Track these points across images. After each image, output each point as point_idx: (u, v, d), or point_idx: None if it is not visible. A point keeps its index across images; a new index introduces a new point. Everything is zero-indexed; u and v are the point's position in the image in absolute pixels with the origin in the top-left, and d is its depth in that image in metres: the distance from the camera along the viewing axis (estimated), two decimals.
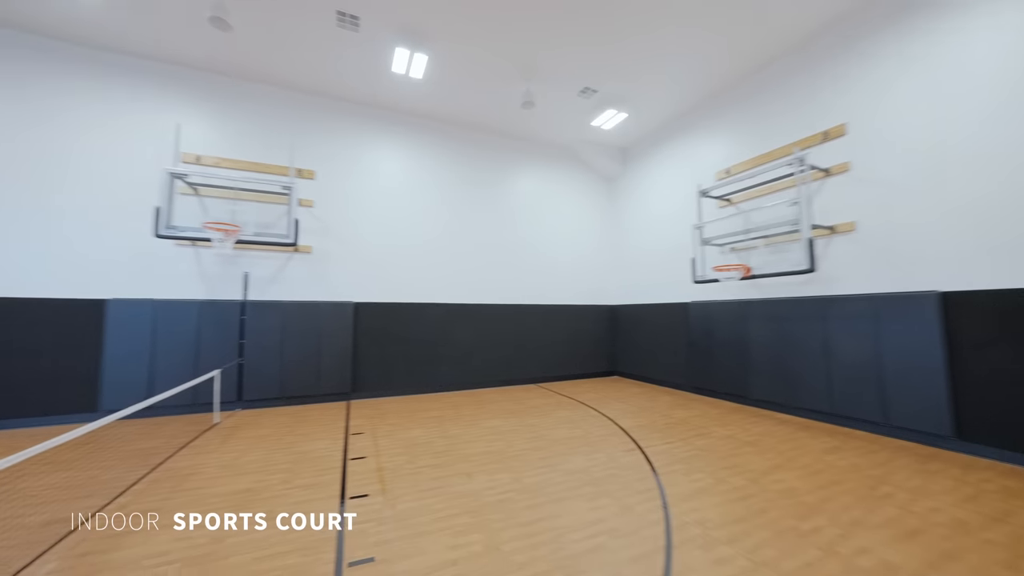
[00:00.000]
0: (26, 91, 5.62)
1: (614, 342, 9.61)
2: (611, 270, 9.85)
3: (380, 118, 7.74)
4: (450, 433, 5.12)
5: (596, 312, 9.53)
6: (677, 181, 8.06)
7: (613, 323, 9.66)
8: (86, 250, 5.75)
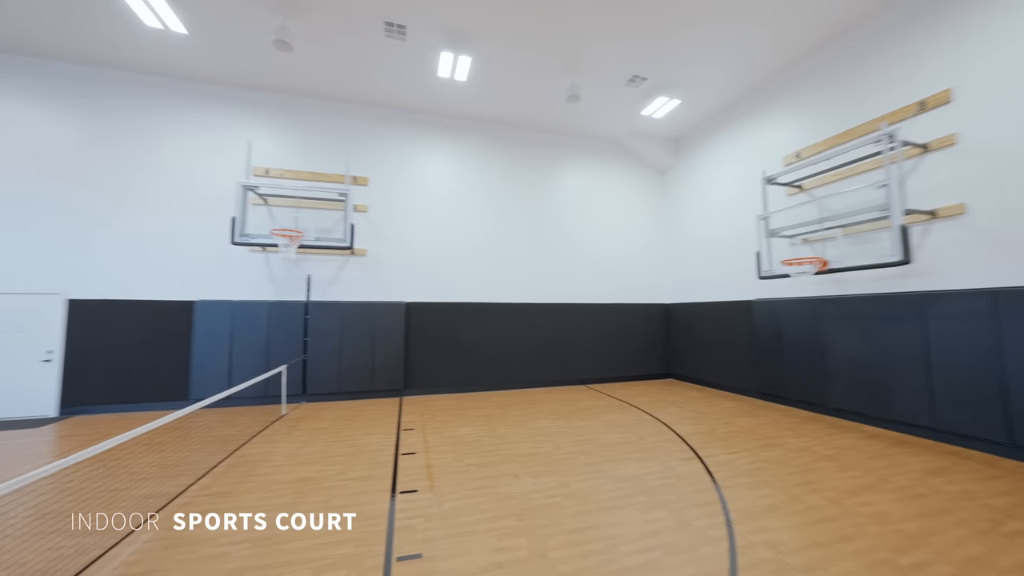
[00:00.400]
0: (125, 123, 6.48)
1: (668, 342, 9.10)
2: (664, 267, 9.34)
3: (428, 123, 7.96)
4: (497, 432, 5.11)
5: (648, 311, 9.09)
6: (737, 169, 7.44)
7: (667, 322, 9.15)
8: (177, 257, 6.51)
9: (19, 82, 6.11)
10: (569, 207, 8.76)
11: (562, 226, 8.67)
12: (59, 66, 6.24)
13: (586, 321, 8.55)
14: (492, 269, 8.11)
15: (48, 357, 5.95)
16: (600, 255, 8.88)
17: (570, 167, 8.86)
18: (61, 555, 2.52)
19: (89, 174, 6.27)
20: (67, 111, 6.27)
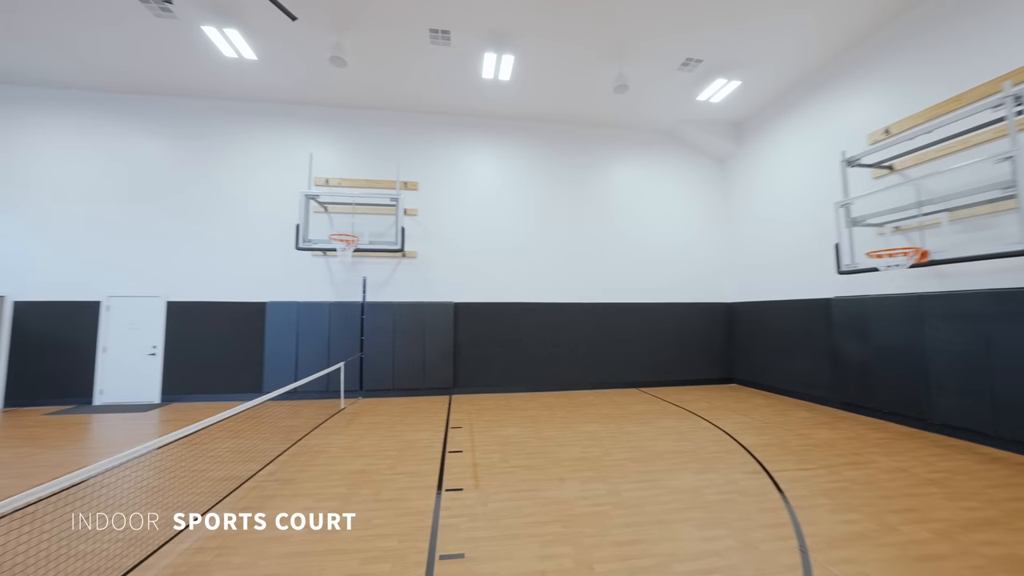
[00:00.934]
0: (207, 146, 7.29)
1: (731, 344, 8.40)
2: (726, 263, 8.65)
3: (473, 125, 8.07)
4: (544, 434, 5.01)
5: (708, 310, 8.46)
6: (810, 153, 6.67)
7: (730, 323, 8.46)
8: (251, 262, 7.19)
9: (123, 118, 7.12)
10: (619, 203, 8.42)
11: (611, 223, 8.36)
12: (154, 100, 7.18)
13: (638, 321, 8.16)
14: (539, 268, 8.02)
15: (153, 351, 6.85)
16: (653, 252, 8.43)
17: (619, 161, 8.52)
18: (147, 530, 2.84)
19: (180, 193, 7.14)
20: (161, 139, 7.19)
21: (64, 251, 6.82)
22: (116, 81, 6.79)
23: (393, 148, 7.75)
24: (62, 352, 6.67)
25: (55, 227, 6.83)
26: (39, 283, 6.72)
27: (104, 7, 5.14)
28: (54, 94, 6.97)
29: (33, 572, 2.29)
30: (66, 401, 6.64)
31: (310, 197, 6.70)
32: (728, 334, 8.45)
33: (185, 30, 5.55)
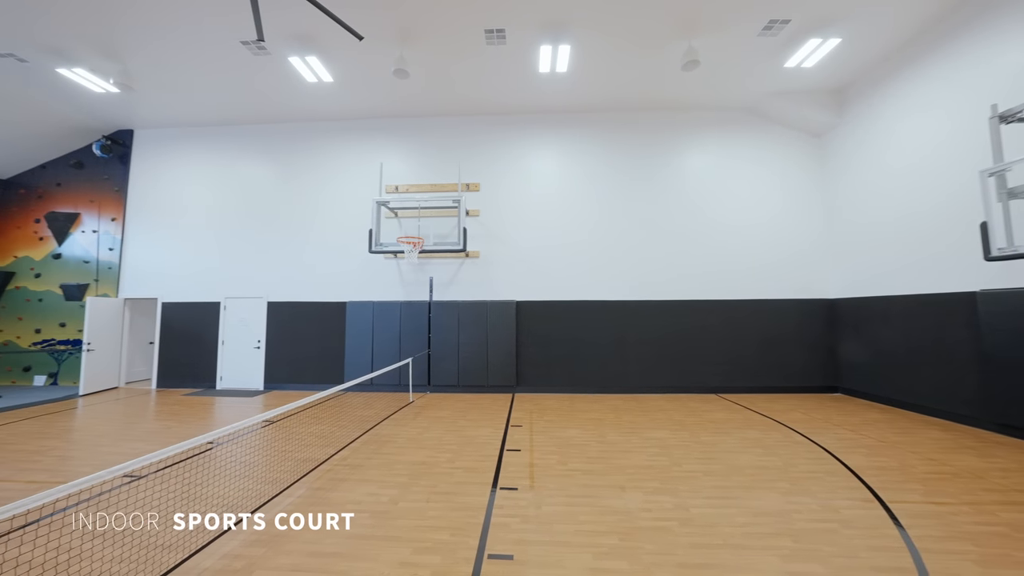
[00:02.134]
0: (296, 164, 8.20)
1: (835, 347, 7.21)
2: (826, 253, 7.45)
3: (531, 122, 8.00)
4: (607, 439, 4.74)
5: (804, 308, 7.36)
6: (942, 111, 5.43)
7: (833, 322, 7.27)
8: (334, 265, 7.94)
9: (233, 146, 8.35)
10: (692, 191, 7.72)
11: (685, 213, 7.69)
12: (256, 128, 8.30)
13: (718, 320, 7.39)
14: (604, 265, 7.67)
15: (258, 345, 7.91)
16: (735, 244, 7.58)
17: (691, 146, 7.81)
18: (248, 495, 3.22)
19: (278, 207, 8.16)
20: (263, 162, 8.28)
21: (194, 260, 8.20)
22: (227, 115, 7.99)
23: (455, 151, 8.00)
24: (194, 344, 8.03)
25: (188, 241, 8.25)
26: (178, 287, 8.17)
27: (213, 53, 6.06)
28: (182, 132, 8.44)
29: (171, 512, 2.72)
30: (197, 384, 7.97)
31: (381, 204, 7.19)
32: (831, 335, 7.26)
33: (276, 63, 6.32)
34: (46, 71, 6.50)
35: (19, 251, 8.57)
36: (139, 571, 2.34)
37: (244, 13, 5.22)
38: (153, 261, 8.29)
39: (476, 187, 7.93)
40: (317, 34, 5.68)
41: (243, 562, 2.42)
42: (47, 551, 2.56)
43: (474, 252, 7.78)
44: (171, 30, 5.62)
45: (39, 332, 8.38)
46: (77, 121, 8.00)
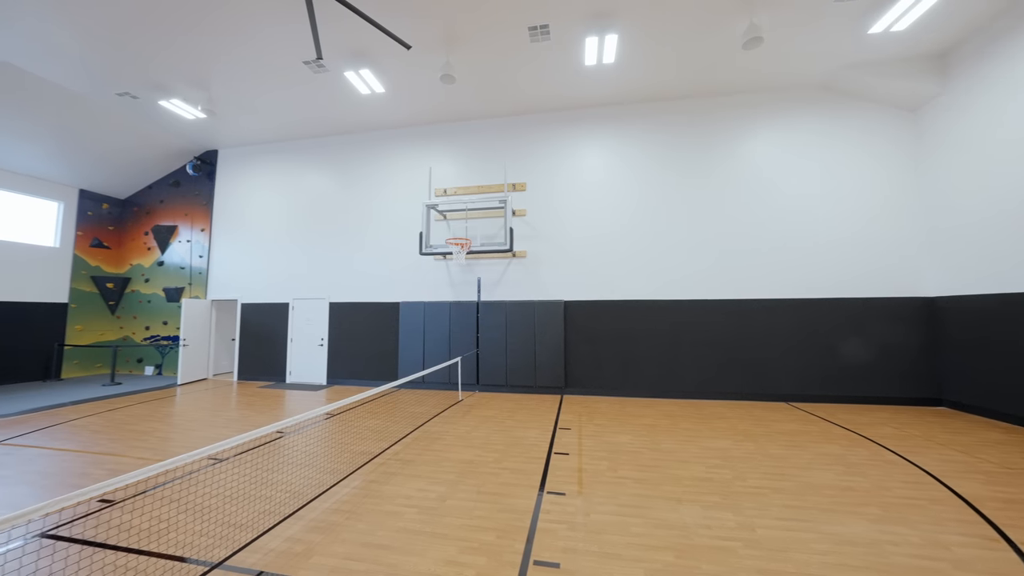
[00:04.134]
0: (355, 172, 8.69)
1: (937, 353, 6.24)
2: (922, 245, 6.48)
3: (578, 118, 7.82)
4: (661, 446, 4.48)
5: (897, 307, 6.46)
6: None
7: (933, 323, 6.30)
8: (388, 268, 8.32)
9: (299, 159, 9.05)
10: (755, 181, 7.09)
11: (747, 206, 7.08)
12: (318, 140, 8.94)
13: (789, 321, 6.72)
14: (658, 263, 7.29)
15: (321, 342, 8.52)
16: (807, 235, 6.84)
17: (754, 132, 7.17)
18: (310, 484, 3.45)
19: (338, 213, 8.72)
20: (325, 172, 8.89)
21: (267, 264, 9.02)
22: (292, 131, 8.70)
23: (501, 152, 8.05)
24: (268, 341, 8.83)
25: (261, 247, 9.09)
26: (254, 289, 9.03)
27: (280, 76, 6.61)
28: (256, 149, 9.33)
29: (238, 496, 2.99)
30: (270, 378, 8.75)
31: (430, 207, 7.42)
32: (931, 338, 6.29)
33: (333, 79, 6.75)
34: (151, 104, 7.50)
35: (134, 260, 9.99)
36: (217, 545, 2.57)
37: (306, 36, 5.64)
38: (233, 266, 9.25)
39: (522, 187, 7.91)
40: (369, 48, 5.98)
41: (303, 547, 2.58)
42: (150, 519, 2.92)
43: (521, 252, 7.76)
44: (245, 59, 6.21)
45: (148, 329, 9.69)
46: (174, 145, 9.16)
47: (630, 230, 7.45)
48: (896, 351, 6.37)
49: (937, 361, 6.25)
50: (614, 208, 7.55)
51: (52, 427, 5.32)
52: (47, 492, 3.41)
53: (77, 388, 7.82)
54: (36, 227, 8.86)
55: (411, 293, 8.16)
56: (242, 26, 5.55)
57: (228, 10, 5.26)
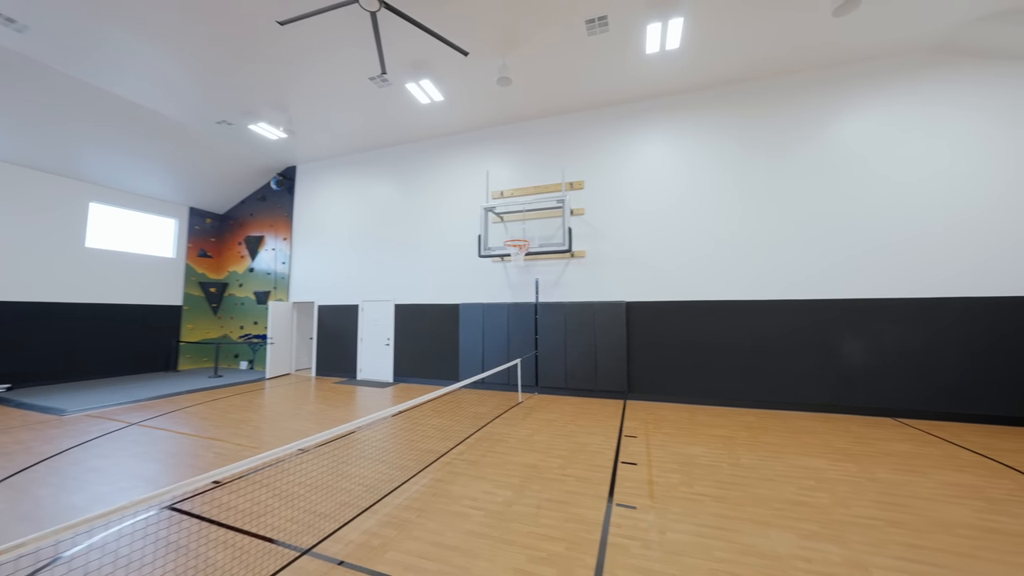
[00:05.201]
0: (417, 180, 9.04)
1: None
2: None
3: (640, 111, 7.45)
4: (741, 461, 4.09)
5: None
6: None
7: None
8: (448, 270, 8.56)
9: (366, 169, 9.62)
10: (849, 164, 6.24)
11: (840, 192, 6.27)
12: (383, 151, 9.45)
13: (895, 323, 5.83)
14: (730, 259, 6.72)
15: (387, 342, 8.99)
16: (919, 224, 5.89)
17: (846, 109, 6.32)
18: (382, 479, 3.62)
19: (401, 219, 9.14)
20: (389, 180, 9.38)
21: (339, 269, 9.72)
22: (360, 144, 9.28)
23: (558, 151, 7.92)
24: (340, 340, 9.51)
25: (334, 253, 9.83)
26: (328, 292, 9.79)
27: (348, 93, 7.06)
28: (328, 162, 10.09)
29: (320, 486, 3.21)
30: (343, 374, 9.42)
31: (488, 210, 7.50)
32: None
33: (395, 92, 7.08)
34: (243, 129, 8.43)
35: (230, 267, 11.31)
36: (304, 532, 2.77)
37: (371, 54, 5.97)
38: (311, 271, 10.10)
39: (580, 185, 7.72)
40: (428, 59, 6.18)
41: (379, 541, 2.69)
42: (248, 502, 3.22)
43: (580, 252, 7.58)
44: (318, 81, 6.73)
45: (242, 328, 10.92)
46: (261, 164, 10.21)
47: (698, 226, 6.94)
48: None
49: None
50: (680, 203, 7.09)
51: (172, 412, 6.16)
52: (171, 469, 3.93)
53: (189, 379, 9.02)
54: (157, 241, 10.36)
55: (470, 295, 8.32)
56: (316, 51, 6.01)
57: (306, 39, 5.72)
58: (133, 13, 5.28)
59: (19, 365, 7.88)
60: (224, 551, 2.56)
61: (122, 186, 9.41)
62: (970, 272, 5.62)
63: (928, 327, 5.70)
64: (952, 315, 5.62)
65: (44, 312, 8.22)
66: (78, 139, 7.85)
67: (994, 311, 5.47)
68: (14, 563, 2.43)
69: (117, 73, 6.56)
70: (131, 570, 2.36)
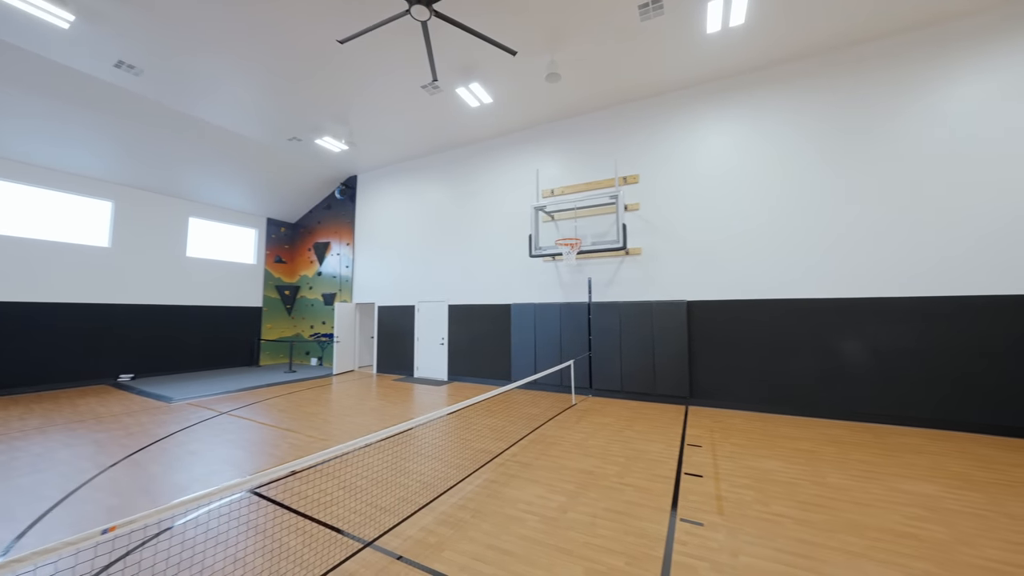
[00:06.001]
0: (467, 183, 9.19)
1: None
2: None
3: (697, 96, 6.94)
4: (827, 480, 3.63)
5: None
6: None
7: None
8: (499, 271, 8.61)
9: (420, 175, 9.97)
10: (952, 140, 5.31)
11: (941, 174, 5.36)
12: (435, 156, 9.74)
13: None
14: (809, 253, 6.04)
15: (442, 342, 9.25)
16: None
17: (947, 75, 5.38)
18: (438, 477, 3.69)
19: (454, 222, 9.37)
20: (441, 185, 9.64)
21: (397, 271, 10.19)
22: (413, 151, 9.65)
23: (610, 145, 7.63)
24: (399, 339, 9.96)
25: (391, 256, 10.32)
26: (387, 293, 10.30)
27: (403, 103, 7.34)
28: (385, 171, 10.61)
29: (381, 480, 3.35)
30: (401, 372, 9.85)
31: (538, 209, 7.42)
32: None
33: (446, 97, 7.24)
34: (310, 144, 9.14)
35: (302, 271, 12.33)
36: (366, 524, 2.89)
37: (422, 64, 6.15)
38: (371, 273, 10.69)
39: (635, 179, 7.37)
40: (476, 62, 6.23)
41: (436, 538, 2.72)
42: (317, 491, 3.44)
43: (635, 249, 7.24)
44: (376, 93, 7.08)
45: (312, 328, 11.85)
46: (326, 175, 11.01)
47: (768, 217, 6.32)
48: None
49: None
50: (746, 192, 6.50)
51: (254, 404, 6.82)
52: (253, 456, 4.33)
53: (269, 373, 9.96)
54: (241, 249, 11.58)
55: (522, 295, 8.30)
56: (372, 65, 6.32)
57: (361, 54, 6.03)
58: (221, 48, 5.90)
59: (137, 358, 9.21)
60: (297, 536, 2.74)
61: (213, 201, 10.63)
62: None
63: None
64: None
65: (154, 313, 9.52)
66: (180, 162, 8.99)
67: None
68: (142, 530, 2.79)
69: (209, 103, 7.40)
70: (220, 546, 2.61)
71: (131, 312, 9.13)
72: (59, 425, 5.53)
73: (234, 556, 2.52)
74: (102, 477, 3.78)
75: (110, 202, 8.95)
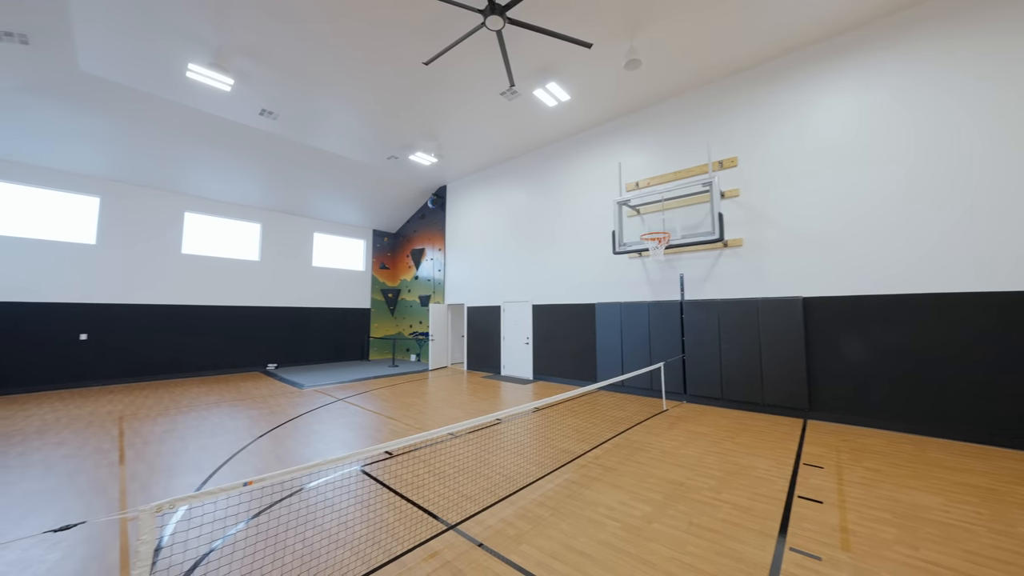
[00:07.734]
0: (546, 183, 9.19)
1: None
2: None
3: (801, 61, 5.93)
4: (1018, 530, 2.80)
5: None
6: None
7: None
8: (583, 269, 8.44)
9: (502, 179, 10.28)
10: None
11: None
12: (515, 159, 9.96)
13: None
14: (977, 236, 4.73)
15: (527, 341, 9.41)
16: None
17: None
18: (519, 472, 3.77)
19: (536, 223, 9.47)
20: (523, 186, 9.82)
21: (484, 273, 10.67)
22: (495, 156, 10.00)
23: (700, 128, 6.95)
24: (487, 339, 10.41)
25: (478, 259, 10.84)
26: (475, 294, 10.84)
27: (484, 113, 7.66)
28: (471, 178, 11.19)
29: (466, 469, 3.55)
30: (489, 370, 10.27)
31: (621, 204, 7.10)
32: None
33: (524, 101, 7.36)
34: (405, 160, 10.10)
35: (402, 276, 13.69)
36: (451, 509, 3.08)
37: (499, 71, 6.36)
38: (461, 276, 11.37)
39: (732, 162, 6.60)
40: (551, 61, 6.22)
41: (514, 531, 2.78)
42: (411, 474, 3.78)
43: (734, 240, 6.48)
44: (460, 106, 7.52)
45: (411, 327, 13.06)
46: (419, 187, 12.05)
47: (908, 195, 5.10)
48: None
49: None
50: (877, 167, 5.34)
51: (364, 393, 7.76)
52: (362, 439, 4.93)
53: (375, 367, 11.26)
54: (352, 258, 13.31)
55: (606, 294, 8.03)
56: (453, 79, 6.73)
57: (443, 71, 6.47)
58: (333, 87, 6.87)
59: (277, 351, 11.18)
60: (392, 512, 3.05)
61: (331, 217, 12.43)
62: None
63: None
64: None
65: (291, 315, 11.47)
66: (307, 186, 10.71)
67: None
68: (280, 484, 3.40)
69: (325, 134, 8.68)
70: (333, 512, 3.03)
71: (276, 313, 11.15)
72: (228, 401, 6.99)
73: (345, 521, 2.90)
74: (253, 445, 4.68)
75: (259, 224, 11.07)
